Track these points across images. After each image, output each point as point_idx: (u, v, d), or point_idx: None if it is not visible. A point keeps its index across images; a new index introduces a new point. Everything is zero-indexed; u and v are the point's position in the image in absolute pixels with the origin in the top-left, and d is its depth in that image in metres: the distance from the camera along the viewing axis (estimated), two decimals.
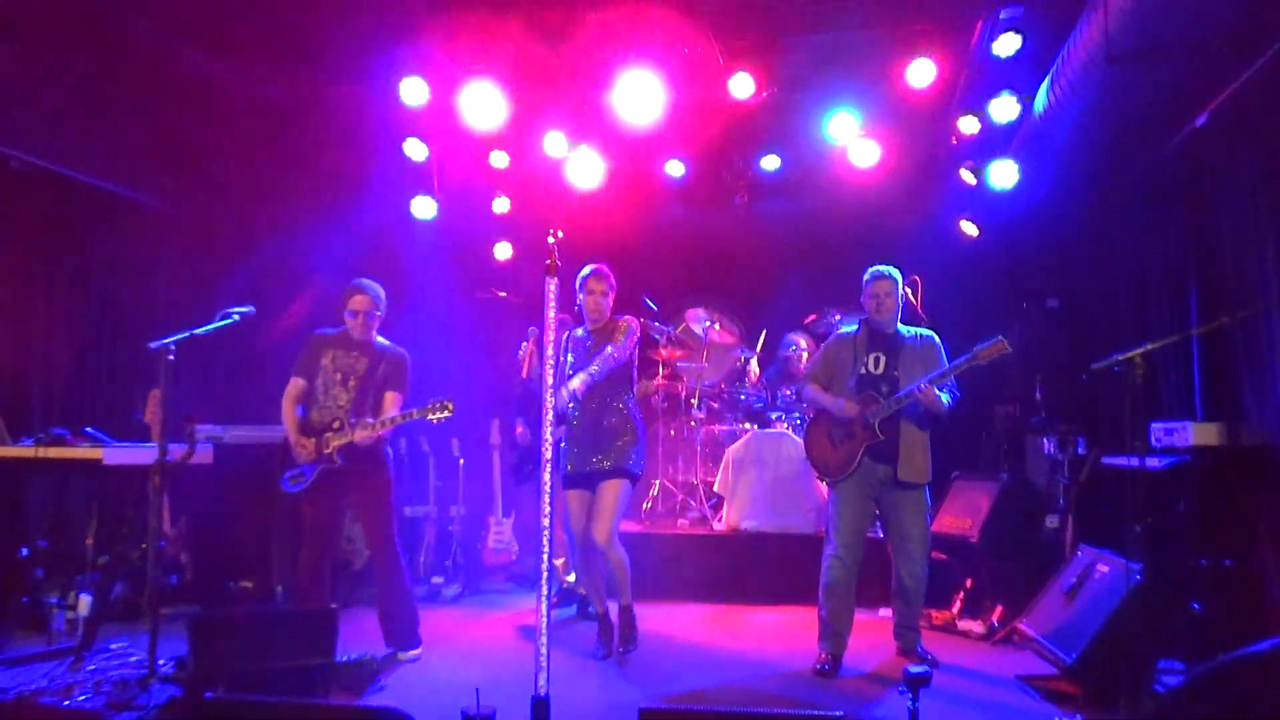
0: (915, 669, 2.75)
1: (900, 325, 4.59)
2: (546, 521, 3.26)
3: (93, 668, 4.07)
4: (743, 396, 6.88)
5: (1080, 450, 5.79)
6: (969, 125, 6.57)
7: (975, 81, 6.20)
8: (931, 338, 4.57)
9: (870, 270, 4.62)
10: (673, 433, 7.34)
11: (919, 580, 4.42)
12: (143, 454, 4.25)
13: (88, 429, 4.44)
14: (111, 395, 6.28)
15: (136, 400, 5.95)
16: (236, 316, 4.39)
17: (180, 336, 4.07)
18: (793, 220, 7.70)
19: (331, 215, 6.63)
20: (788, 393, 6.93)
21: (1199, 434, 3.90)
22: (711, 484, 6.77)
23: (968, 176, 6.87)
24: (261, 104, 6.17)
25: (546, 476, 3.27)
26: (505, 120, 6.72)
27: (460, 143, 6.98)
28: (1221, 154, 4.22)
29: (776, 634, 5.16)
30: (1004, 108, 5.93)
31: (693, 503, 6.93)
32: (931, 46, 5.95)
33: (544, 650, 3.18)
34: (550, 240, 3.46)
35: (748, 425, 6.81)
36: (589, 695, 4.00)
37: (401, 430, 5.89)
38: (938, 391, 4.22)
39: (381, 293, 4.73)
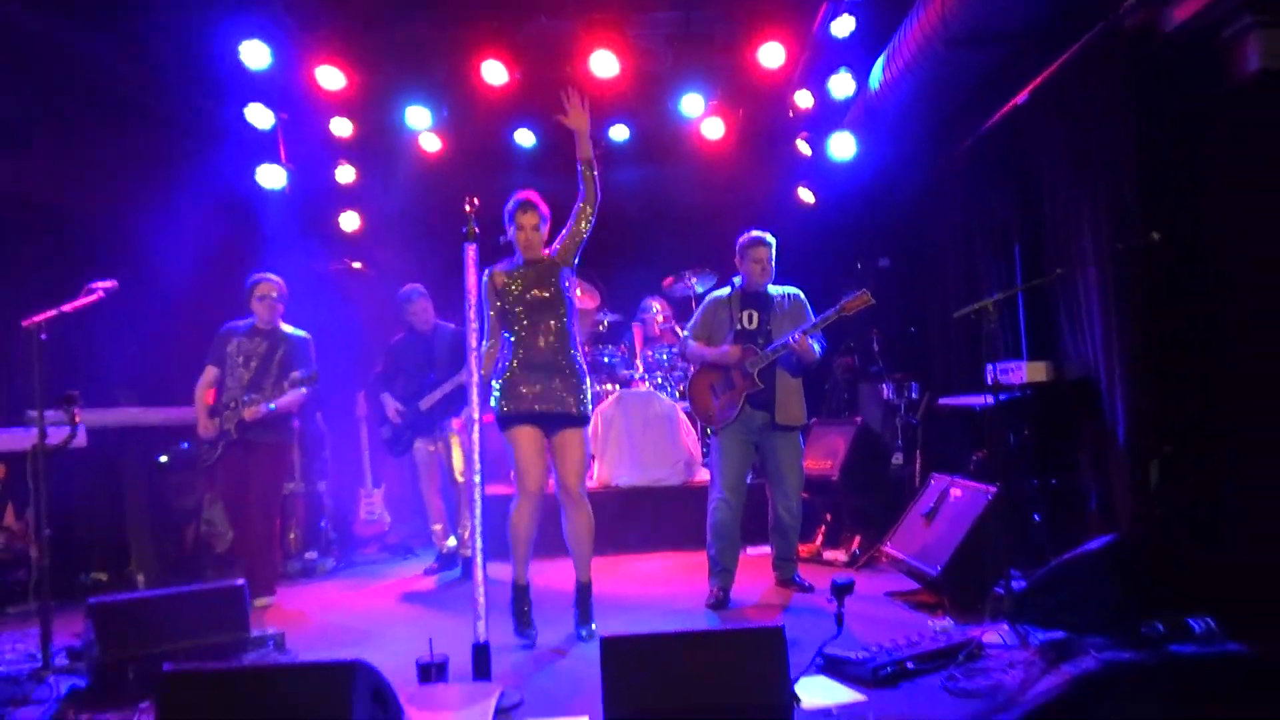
0: (841, 579, 3.11)
1: (770, 285, 4.95)
2: (478, 478, 3.37)
3: None
4: (606, 359, 7.12)
5: (914, 394, 6.44)
6: (805, 100, 7.08)
7: (816, 60, 6.67)
8: (799, 295, 4.96)
9: (748, 235, 4.94)
10: None
11: (795, 516, 4.84)
12: (18, 438, 3.97)
13: None
14: None
15: None
16: (101, 292, 4.19)
17: (50, 315, 3.85)
18: (646, 189, 7.97)
19: (179, 187, 6.27)
20: (648, 353, 7.24)
21: (1030, 372, 4.48)
22: None
23: (803, 148, 7.39)
24: (91, 62, 5.76)
25: (476, 437, 3.38)
26: (350, 86, 6.63)
27: (309, 110, 6.79)
28: (1040, 130, 4.81)
29: (662, 578, 5.47)
30: (841, 84, 6.43)
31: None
32: (778, 27, 6.38)
33: (481, 599, 3.33)
34: (466, 209, 3.53)
35: (610, 386, 7.06)
36: (508, 643, 4.09)
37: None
38: (811, 341, 4.62)
39: (282, 281, 5.26)
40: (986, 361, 4.91)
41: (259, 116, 6.54)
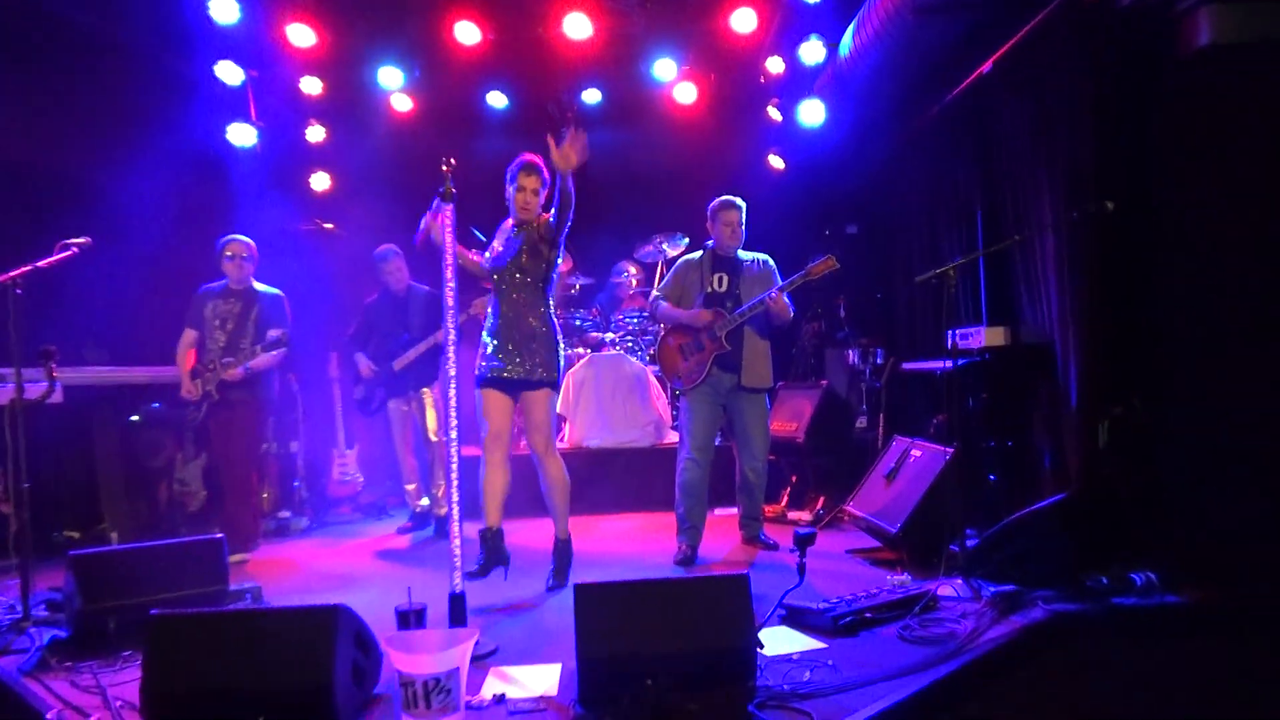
0: (802, 530, 3.25)
1: (740, 250, 5.05)
2: (454, 434, 3.46)
3: None
4: (578, 322, 7.19)
5: (879, 359, 6.60)
6: (776, 65, 7.15)
7: (787, 25, 6.72)
8: (767, 260, 5.07)
9: (719, 200, 5.03)
10: None
11: (760, 476, 4.99)
12: None
13: None
14: None
15: None
16: (75, 249, 4.20)
17: (25, 270, 3.86)
18: (618, 152, 8.00)
19: (147, 143, 6.21)
20: (619, 317, 7.33)
21: (989, 336, 4.63)
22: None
23: (774, 114, 7.47)
24: (55, 15, 5.68)
25: (452, 392, 3.46)
26: (321, 45, 6.59)
27: (278, 67, 6.75)
28: (1002, 100, 4.93)
29: (632, 537, 5.61)
30: (811, 51, 6.49)
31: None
32: None
33: (457, 550, 3.43)
34: (444, 169, 3.58)
35: (582, 350, 7.15)
36: (481, 600, 4.22)
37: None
38: (786, 299, 4.74)
39: (252, 242, 5.37)
40: (947, 327, 5.08)
41: (228, 73, 6.49)
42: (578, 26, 6.44)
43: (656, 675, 2.72)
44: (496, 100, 7.77)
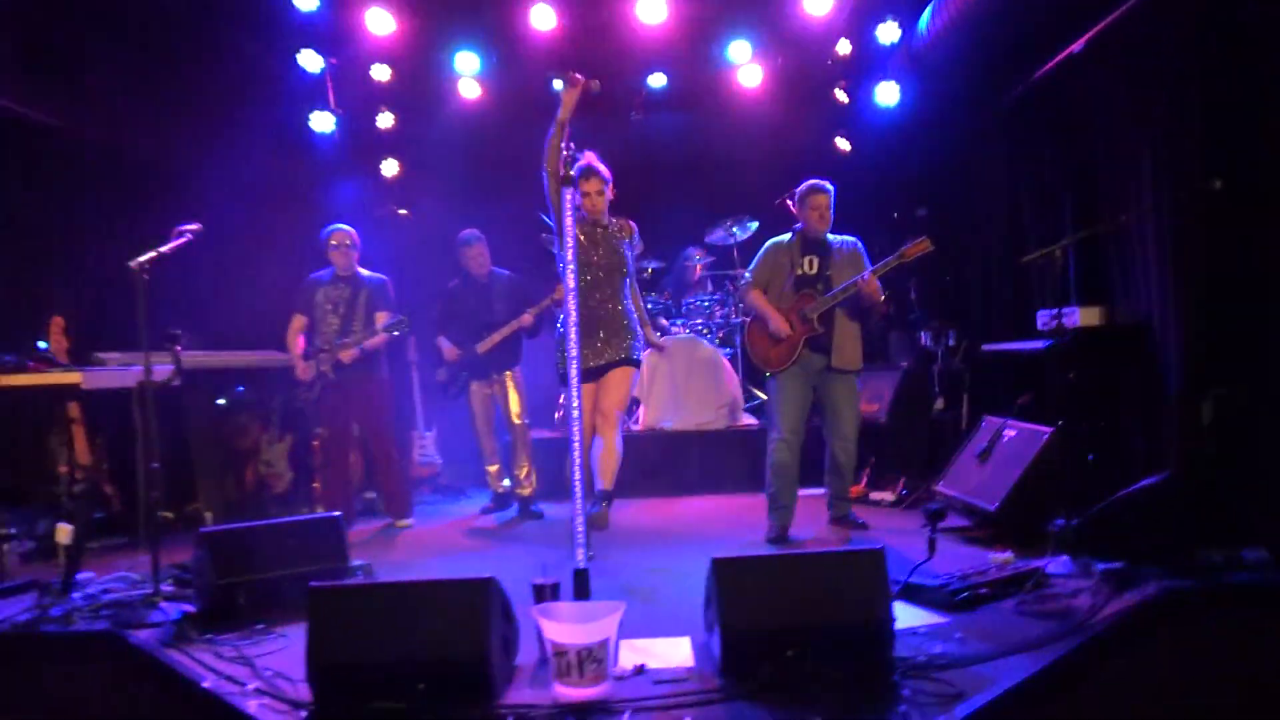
0: (932, 506, 3.30)
1: (829, 233, 5.08)
2: (577, 411, 3.53)
3: (79, 595, 4.01)
4: (649, 306, 7.25)
5: (950, 341, 6.60)
6: (844, 48, 7.15)
7: (857, 8, 6.71)
8: (856, 242, 5.10)
9: (807, 184, 5.05)
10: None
11: (851, 456, 5.03)
12: (121, 377, 4.11)
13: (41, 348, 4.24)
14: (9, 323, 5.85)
15: (37, 327, 5.61)
16: (190, 235, 4.32)
17: (151, 256, 3.99)
18: (683, 137, 8.04)
19: (230, 132, 6.35)
20: (690, 300, 7.39)
21: (1084, 316, 4.64)
22: None
23: (841, 96, 7.47)
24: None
25: (573, 371, 3.53)
26: (397, 30, 6.65)
27: (358, 54, 6.84)
28: (1096, 78, 4.90)
29: (715, 517, 5.68)
30: (887, 32, 6.49)
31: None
32: None
33: (580, 527, 3.51)
34: (564, 153, 3.64)
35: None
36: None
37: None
38: (878, 283, 4.77)
39: (354, 230, 5.71)
40: (1040, 307, 5.09)
41: (309, 60, 6.59)
42: (652, 10, 6.45)
43: (797, 646, 2.79)
44: (560, 85, 7.79)
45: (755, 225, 7.31)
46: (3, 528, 4.49)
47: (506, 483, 6.20)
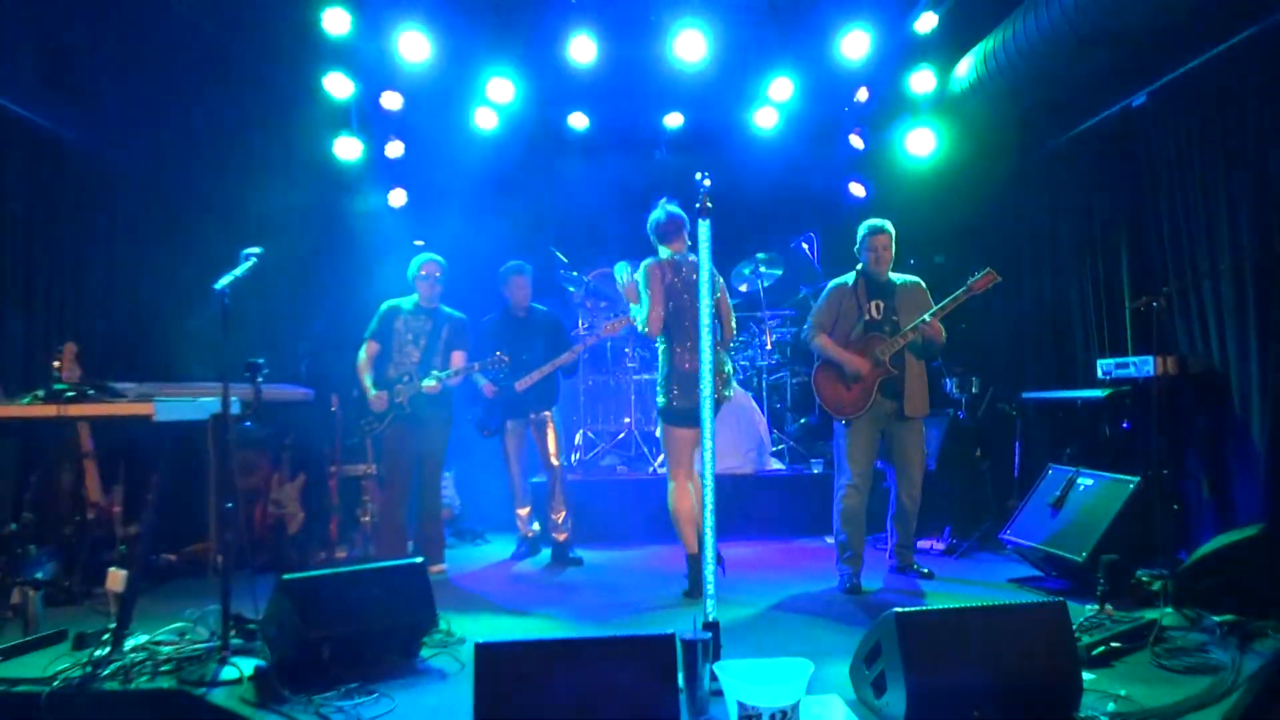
0: (1107, 557, 3.20)
1: (890, 273, 5.03)
2: (710, 453, 3.36)
3: (131, 648, 3.63)
4: None
5: (974, 390, 6.62)
6: (862, 94, 7.22)
7: (891, 54, 6.76)
8: (919, 282, 5.06)
9: (868, 224, 5.01)
10: (590, 383, 7.46)
11: (916, 503, 4.95)
12: (193, 409, 3.77)
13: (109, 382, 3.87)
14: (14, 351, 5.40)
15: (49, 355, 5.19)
16: (254, 259, 4.03)
17: (229, 279, 3.71)
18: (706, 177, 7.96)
19: (261, 157, 6.06)
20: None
21: (1159, 365, 4.65)
22: (646, 430, 7.02)
23: (856, 141, 7.53)
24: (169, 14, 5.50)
25: (707, 414, 3.37)
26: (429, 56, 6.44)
27: (388, 80, 6.62)
28: (1161, 130, 4.98)
29: (765, 563, 5.51)
30: (922, 80, 6.54)
31: (608, 450, 7.19)
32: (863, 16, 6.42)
33: (711, 577, 3.33)
34: (701, 178, 3.51)
35: None
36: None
37: None
38: (939, 324, 4.74)
39: (443, 261, 5.48)
40: (1078, 357, 5.11)
41: (338, 85, 6.33)
42: (690, 48, 6.35)
43: (982, 705, 2.65)
44: (578, 121, 7.69)
45: (780, 272, 7.28)
46: (31, 571, 4.08)
47: (536, 526, 5.95)
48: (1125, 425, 5.18)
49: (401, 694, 3.24)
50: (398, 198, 7.53)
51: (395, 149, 7.31)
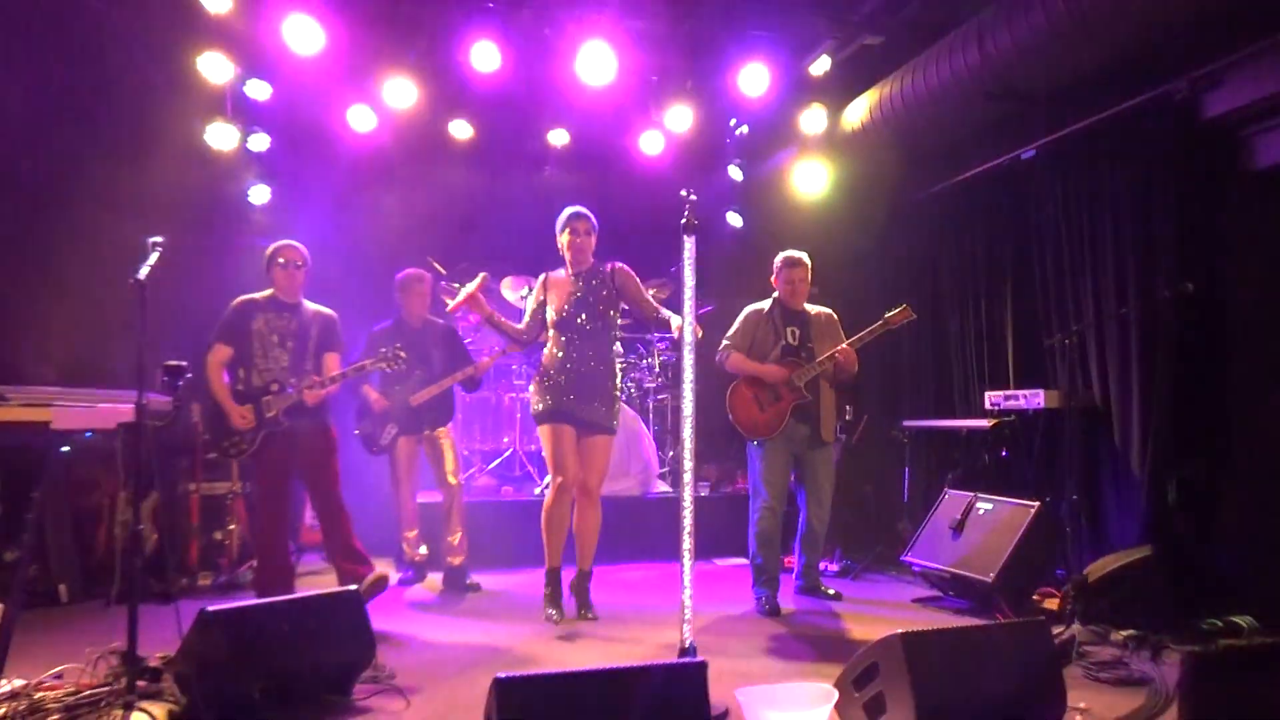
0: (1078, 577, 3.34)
1: (805, 304, 5.17)
2: (688, 474, 3.27)
3: (8, 691, 3.07)
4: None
5: (848, 417, 6.89)
6: (742, 127, 7.46)
7: (784, 93, 6.97)
8: (830, 313, 5.22)
9: (784, 255, 5.14)
10: (467, 399, 7.17)
11: (824, 525, 5.08)
12: (98, 415, 3.23)
13: None
14: None
15: None
16: (159, 250, 3.57)
17: (145, 270, 3.27)
18: (582, 194, 7.88)
19: (127, 140, 5.42)
20: None
21: (1048, 399, 5.01)
22: (529, 450, 6.81)
23: (735, 173, 7.74)
24: None
25: (686, 431, 3.28)
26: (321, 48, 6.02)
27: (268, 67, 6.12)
28: (1051, 180, 5.38)
29: (653, 588, 5.43)
30: (813, 119, 6.78)
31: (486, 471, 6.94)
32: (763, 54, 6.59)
33: (688, 601, 3.24)
34: (687, 195, 3.43)
35: None
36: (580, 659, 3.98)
37: None
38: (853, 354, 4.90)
39: (305, 249, 4.68)
40: (957, 388, 5.45)
41: (213, 68, 5.79)
42: (597, 71, 6.25)
43: None
44: (461, 130, 7.42)
45: (667, 295, 7.31)
46: None
47: (424, 550, 5.61)
48: (1004, 454, 5.53)
49: None
50: (260, 194, 6.97)
51: (261, 141, 6.78)
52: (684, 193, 3.45)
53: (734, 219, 8.01)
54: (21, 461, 4.27)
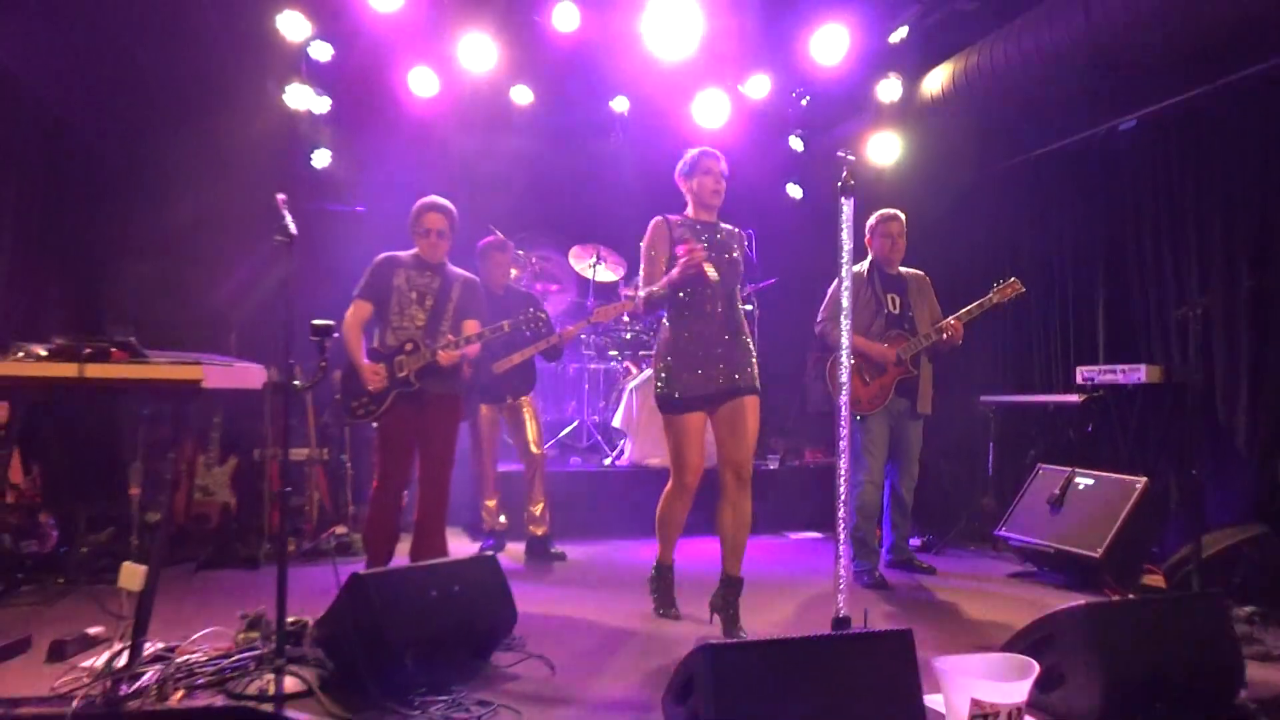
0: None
1: (900, 266, 5.07)
2: (844, 443, 3.21)
3: (152, 654, 3.01)
4: (628, 335, 6.88)
5: None
6: (804, 99, 7.34)
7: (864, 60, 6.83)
8: (924, 276, 5.12)
9: (880, 212, 5.02)
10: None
11: (912, 495, 5.03)
12: (249, 374, 3.14)
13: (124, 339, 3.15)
14: None
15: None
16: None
17: (289, 225, 3.17)
18: (645, 163, 7.77)
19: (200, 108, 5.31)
20: None
21: (1148, 374, 4.94)
22: (600, 421, 6.76)
23: (796, 143, 7.63)
24: None
25: (843, 399, 3.21)
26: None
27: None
28: (1138, 157, 5.30)
29: (763, 561, 5.38)
30: (889, 88, 6.67)
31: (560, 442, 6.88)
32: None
33: (842, 572, 3.18)
34: (844, 156, 3.32)
35: (629, 365, 6.86)
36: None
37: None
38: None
39: (454, 211, 4.33)
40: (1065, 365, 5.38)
41: (291, 27, 5.66)
42: (677, 45, 6.12)
43: (1162, 695, 2.67)
44: (522, 96, 7.28)
45: None
46: None
47: (504, 520, 5.55)
48: (1088, 429, 5.47)
49: (520, 702, 2.88)
50: (322, 158, 6.85)
51: (323, 104, 6.65)
52: (841, 153, 3.32)
53: (794, 190, 7.92)
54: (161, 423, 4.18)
